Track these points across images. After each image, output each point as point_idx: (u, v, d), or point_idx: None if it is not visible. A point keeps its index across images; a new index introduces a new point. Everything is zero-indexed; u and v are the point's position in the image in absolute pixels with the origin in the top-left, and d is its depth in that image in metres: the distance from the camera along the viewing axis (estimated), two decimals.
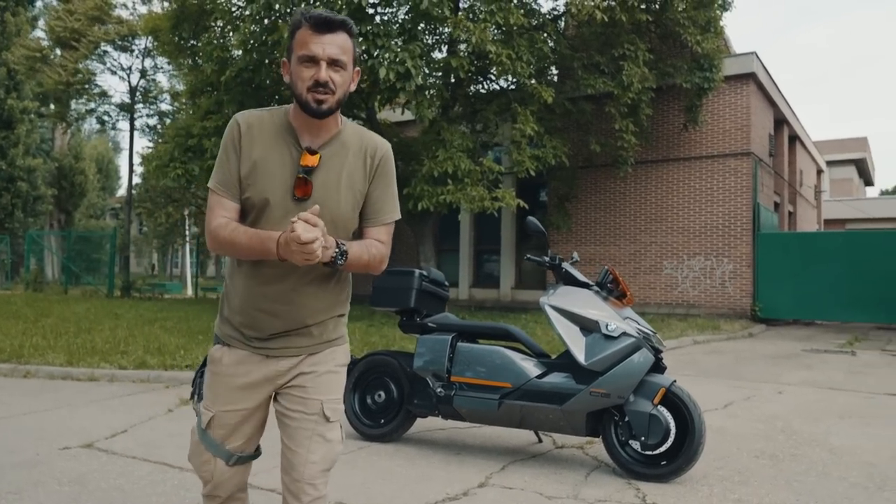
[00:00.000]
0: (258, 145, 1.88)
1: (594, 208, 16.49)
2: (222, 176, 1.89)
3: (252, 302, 1.92)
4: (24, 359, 7.31)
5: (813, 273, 14.10)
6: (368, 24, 10.68)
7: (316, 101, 1.81)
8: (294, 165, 1.86)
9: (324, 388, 1.97)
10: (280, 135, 1.89)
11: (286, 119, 1.91)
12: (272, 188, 1.86)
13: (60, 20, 20.15)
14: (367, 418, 4.59)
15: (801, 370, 8.19)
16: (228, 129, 1.92)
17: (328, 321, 1.99)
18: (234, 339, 1.98)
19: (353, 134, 1.96)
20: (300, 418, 1.95)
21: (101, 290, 20.25)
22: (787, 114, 18.88)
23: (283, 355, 1.96)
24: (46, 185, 27.61)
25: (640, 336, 3.86)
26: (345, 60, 1.83)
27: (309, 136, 1.89)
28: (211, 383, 2.00)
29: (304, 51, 1.80)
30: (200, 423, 2.00)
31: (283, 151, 1.88)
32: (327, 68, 1.80)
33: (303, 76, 1.81)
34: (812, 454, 4.36)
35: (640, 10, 12.54)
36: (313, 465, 1.94)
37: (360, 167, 1.94)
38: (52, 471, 3.83)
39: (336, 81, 1.82)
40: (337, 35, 1.81)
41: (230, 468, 2.02)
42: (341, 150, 1.92)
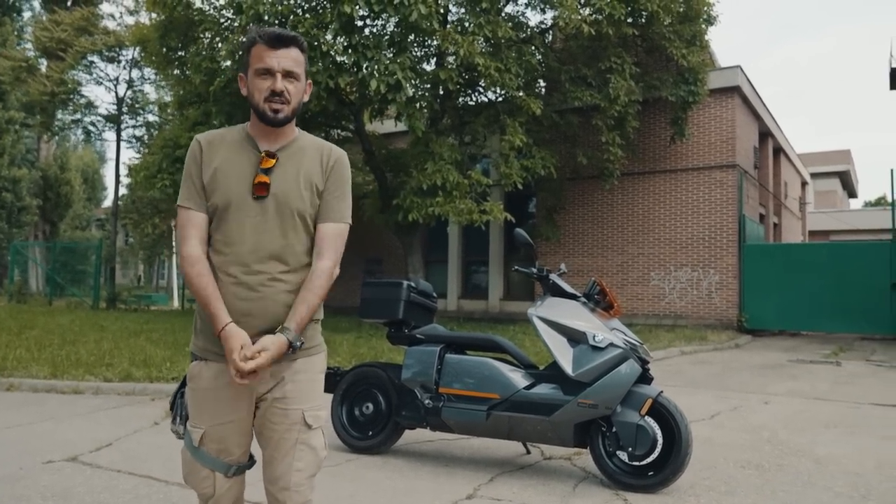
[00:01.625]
0: (218, 155, 1.99)
1: (582, 220, 16.57)
2: (187, 190, 2.00)
3: (228, 305, 1.92)
4: (7, 371, 7.22)
5: (798, 284, 14.21)
6: (358, 35, 10.71)
7: (273, 110, 1.94)
8: (254, 168, 1.97)
9: (304, 396, 2.00)
10: (240, 144, 2.02)
11: (245, 132, 2.04)
12: (234, 189, 1.95)
13: (47, 31, 20.07)
14: (356, 430, 4.58)
15: (787, 380, 8.25)
16: (190, 149, 2.04)
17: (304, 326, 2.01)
18: (211, 353, 1.98)
19: (309, 140, 2.09)
20: (283, 428, 1.98)
21: (87, 302, 20.06)
22: (772, 126, 19.09)
23: None
24: (31, 196, 27.37)
25: (627, 347, 3.88)
26: (298, 72, 1.96)
27: (267, 142, 2.01)
28: (195, 400, 2.01)
29: (260, 64, 1.93)
30: (192, 442, 2.00)
31: (242, 157, 1.99)
32: (283, 79, 1.93)
33: (260, 87, 1.94)
34: (798, 464, 4.39)
35: (627, 23, 12.66)
36: (299, 472, 1.97)
37: (317, 167, 2.03)
38: (36, 485, 3.79)
39: (291, 91, 1.95)
40: (290, 49, 1.95)
41: (230, 479, 2.03)
42: (298, 152, 2.03)
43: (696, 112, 14.91)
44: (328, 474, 4.05)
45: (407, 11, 10.29)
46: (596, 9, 12.42)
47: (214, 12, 12.59)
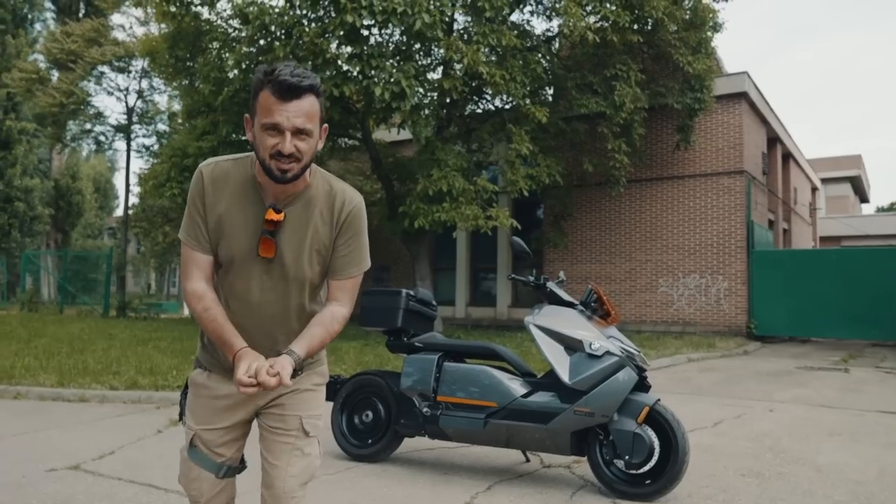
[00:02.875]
0: (223, 200, 1.86)
1: (589, 227, 16.55)
2: (192, 230, 1.88)
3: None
4: (15, 380, 7.30)
5: (808, 290, 14.12)
6: (363, 44, 10.78)
7: (280, 170, 1.75)
8: (258, 222, 1.84)
9: (303, 405, 2.03)
10: (244, 190, 1.87)
11: (252, 172, 1.88)
12: (237, 246, 1.86)
13: (57, 42, 20.31)
14: (355, 438, 4.59)
15: (793, 388, 8.19)
16: (194, 182, 1.89)
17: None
18: (216, 366, 2.02)
19: (322, 187, 1.92)
20: (280, 434, 2.01)
21: (97, 310, 20.21)
22: (780, 132, 19.01)
23: None
24: (44, 205, 27.66)
25: (624, 355, 3.88)
26: (311, 128, 1.75)
27: (274, 193, 1.86)
28: (193, 405, 2.06)
29: (267, 118, 1.72)
30: (186, 441, 2.05)
31: (247, 208, 1.86)
32: (292, 138, 1.73)
33: (266, 144, 1.74)
34: (798, 473, 4.37)
35: (632, 31, 12.67)
36: (292, 478, 1.99)
37: (327, 223, 1.91)
38: (38, 493, 3.83)
39: (302, 150, 1.75)
40: (303, 101, 1.73)
41: (219, 481, 2.06)
42: (307, 206, 1.89)
43: (703, 118, 14.88)
44: (327, 482, 4.08)
45: (411, 20, 10.35)
46: (601, 16, 12.45)
47: (222, 23, 12.73)
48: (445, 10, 11.19)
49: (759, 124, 16.86)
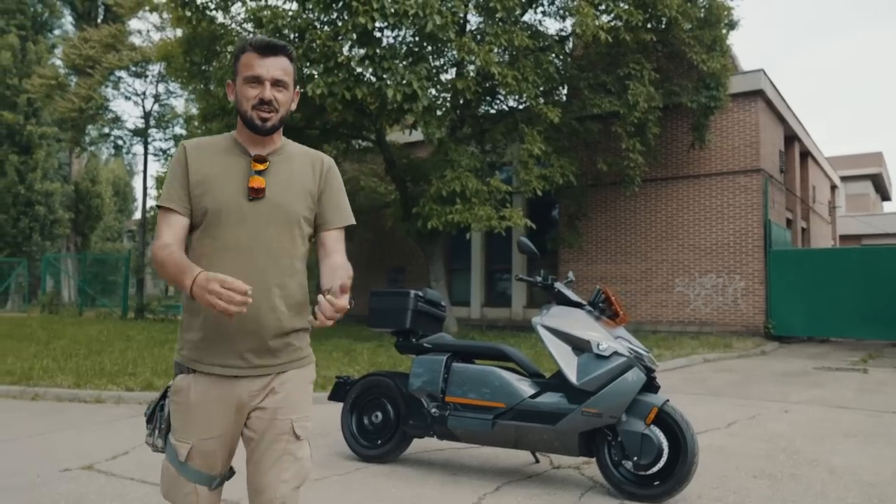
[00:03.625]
0: (207, 161, 1.98)
1: (605, 226, 16.47)
2: (169, 191, 1.96)
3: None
4: (33, 381, 7.41)
5: (827, 290, 13.95)
6: (376, 46, 10.81)
7: (261, 118, 1.93)
8: (245, 171, 1.96)
9: (293, 407, 1.99)
10: (228, 150, 2.01)
11: (232, 139, 2.03)
12: (227, 193, 1.93)
13: (76, 48, 20.57)
14: (365, 439, 4.61)
15: (810, 388, 8.10)
16: (176, 154, 2.02)
17: (294, 334, 2.00)
18: (201, 364, 1.94)
19: (297, 147, 2.09)
20: (270, 439, 1.96)
21: (116, 312, 20.44)
22: (798, 130, 18.80)
23: (251, 375, 1.94)
24: (64, 209, 28.02)
25: (632, 355, 3.86)
26: (287, 81, 1.96)
27: (255, 149, 2.00)
28: (180, 415, 1.97)
29: (249, 72, 1.92)
30: (177, 457, 1.95)
31: (232, 162, 1.98)
32: (271, 88, 1.93)
33: (248, 95, 1.93)
34: (812, 474, 4.32)
35: (645, 29, 12.59)
36: (285, 483, 1.95)
37: (309, 172, 2.05)
38: (51, 493, 3.88)
39: (279, 100, 1.95)
40: (279, 58, 1.94)
41: (212, 492, 2.01)
42: (288, 158, 2.04)
43: (719, 116, 14.76)
44: (337, 483, 4.09)
45: (422, 22, 10.37)
46: (614, 16, 12.39)
47: (236, 26, 12.83)
48: (458, 11, 11.21)
49: (776, 122, 16.68)
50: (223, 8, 12.73)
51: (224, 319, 1.84)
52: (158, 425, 2.05)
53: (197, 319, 1.95)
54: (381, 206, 17.60)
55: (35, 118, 26.34)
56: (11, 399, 6.96)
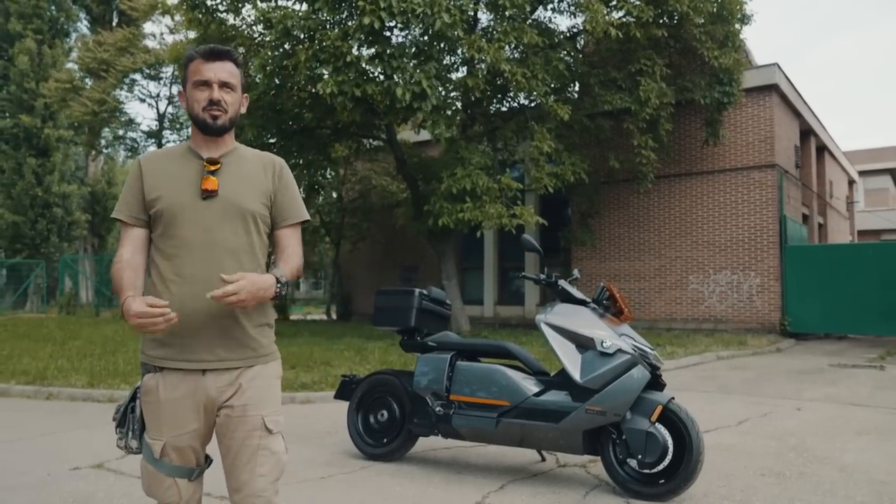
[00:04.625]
0: (161, 169, 2.07)
1: (618, 224, 16.38)
2: (124, 205, 2.07)
3: (183, 305, 1.93)
4: (48, 381, 7.51)
5: (844, 286, 13.76)
6: (385, 45, 10.82)
7: (212, 116, 2.03)
8: (198, 173, 2.04)
9: (263, 402, 2.04)
10: (182, 156, 2.10)
11: (187, 146, 2.13)
12: (181, 194, 2.02)
13: (91, 52, 20.79)
14: (370, 437, 4.62)
15: (824, 386, 8.00)
16: (132, 169, 2.13)
17: (259, 328, 2.06)
18: (166, 360, 1.99)
19: (248, 150, 2.18)
20: (243, 435, 2.00)
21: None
22: (814, 124, 18.59)
23: (219, 368, 1.99)
24: (80, 211, 28.34)
25: (636, 353, 3.83)
26: (234, 83, 2.06)
27: (208, 152, 2.09)
28: (152, 414, 2.02)
29: (197, 76, 2.03)
30: (152, 454, 2.02)
31: (186, 166, 2.07)
32: (219, 90, 2.03)
33: (198, 98, 2.03)
34: (821, 472, 4.26)
35: (657, 25, 12.49)
36: (262, 477, 1.99)
37: (261, 172, 2.13)
38: (60, 491, 3.92)
39: (227, 101, 2.04)
40: (225, 63, 2.05)
41: (193, 483, 2.07)
42: (240, 159, 2.13)
43: (733, 112, 14.62)
44: (342, 481, 4.11)
45: (431, 21, 10.36)
46: (625, 12, 12.31)
47: (246, 28, 12.89)
48: (466, 9, 11.18)
49: (792, 117, 16.50)
50: (234, 10, 12.80)
51: (192, 303, 1.94)
52: (132, 427, 2.08)
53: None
54: (392, 205, 17.63)
55: (52, 121, 26.64)
56: (26, 398, 7.06)
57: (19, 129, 26.26)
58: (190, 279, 1.97)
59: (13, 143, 26.73)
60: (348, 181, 20.07)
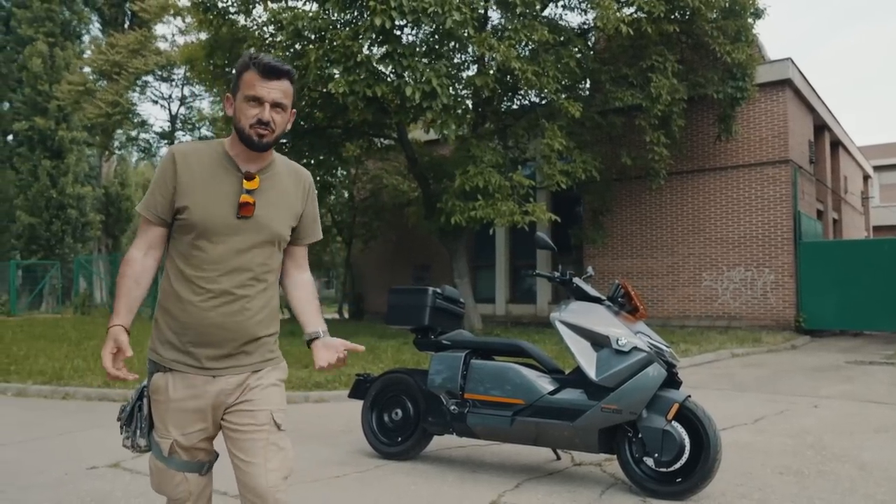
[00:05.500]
0: (197, 172, 2.02)
1: (630, 221, 16.30)
2: (151, 201, 2.04)
3: (203, 317, 1.97)
4: (63, 381, 7.55)
5: (860, 282, 13.64)
6: (395, 44, 10.82)
7: (258, 135, 1.98)
8: (235, 187, 2.01)
9: (270, 400, 2.05)
10: (217, 162, 2.04)
11: (223, 149, 2.07)
12: (216, 208, 1.99)
13: (103, 54, 20.92)
14: (385, 436, 4.61)
15: (841, 383, 7.93)
16: (165, 161, 2.06)
17: (268, 338, 2.10)
18: (177, 363, 2.01)
19: (282, 162, 2.17)
20: (252, 430, 2.01)
21: (146, 312, 20.72)
22: (828, 119, 18.41)
23: (230, 373, 2.02)
24: (95, 212, 28.55)
25: (652, 351, 3.80)
26: (286, 104, 2.02)
27: (246, 164, 2.05)
28: (160, 412, 2.04)
29: (251, 91, 1.97)
30: (161, 452, 2.03)
31: (223, 176, 2.03)
32: (270, 109, 1.98)
33: (247, 114, 1.98)
34: (840, 470, 4.22)
35: (669, 20, 12.41)
36: (272, 472, 1.99)
37: (294, 190, 2.14)
38: (77, 490, 3.94)
39: (276, 121, 2.00)
40: (282, 82, 2.00)
41: (203, 477, 2.10)
42: (276, 175, 2.11)
43: (746, 107, 14.50)
44: (356, 480, 4.11)
45: (441, 19, 10.34)
46: (636, 7, 12.23)
47: (257, 29, 12.93)
48: (476, 7, 11.15)
49: (805, 112, 16.35)
50: (244, 11, 12.84)
51: (215, 319, 1.98)
52: (139, 425, 2.10)
53: (175, 321, 2.02)
54: (403, 204, 17.63)
55: (65, 123, 26.85)
56: (43, 398, 7.12)
57: (34, 131, 26.48)
58: (210, 292, 1.99)
59: (28, 145, 26.96)
60: (359, 180, 20.09)
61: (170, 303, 2.03)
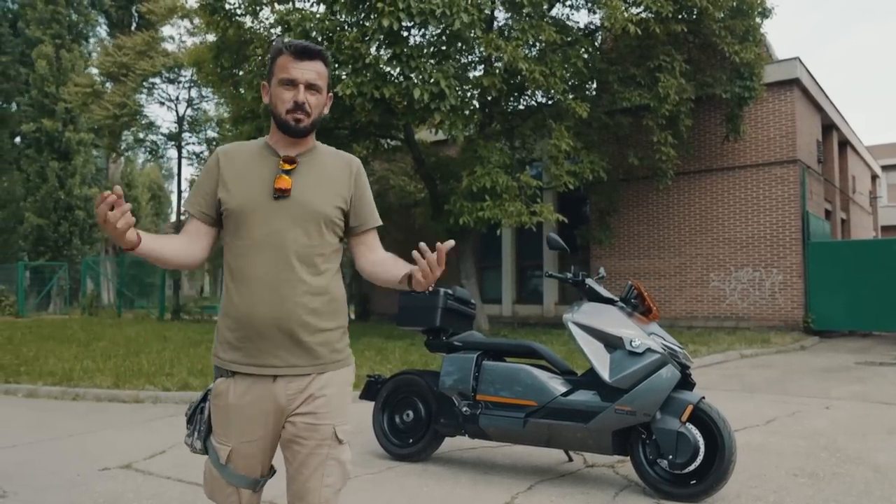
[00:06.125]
0: (238, 164, 2.02)
1: (637, 221, 16.26)
2: (195, 197, 2.05)
3: (253, 307, 1.92)
4: (73, 382, 7.56)
5: (869, 282, 13.57)
6: (403, 46, 10.82)
7: (295, 120, 1.96)
8: (272, 172, 1.98)
9: (334, 412, 1.98)
10: (260, 153, 2.04)
11: (265, 142, 2.07)
12: (253, 192, 1.97)
13: (110, 56, 21.01)
14: (396, 438, 4.61)
15: (852, 384, 7.89)
16: (209, 159, 2.08)
17: (329, 333, 2.00)
18: (235, 364, 1.96)
19: (328, 150, 2.12)
20: (313, 444, 1.95)
21: (153, 314, 20.82)
22: (836, 119, 18.34)
23: (288, 374, 1.94)
24: None
25: (666, 352, 3.79)
26: (321, 85, 1.98)
27: (286, 150, 2.02)
28: (220, 418, 1.99)
29: (284, 74, 1.95)
30: (218, 459, 1.98)
31: (262, 163, 2.01)
32: (305, 91, 1.95)
33: (283, 98, 1.96)
34: (855, 472, 4.19)
35: (676, 20, 12.38)
36: (328, 488, 1.95)
37: (341, 173, 2.07)
38: (90, 492, 3.95)
39: (312, 104, 1.97)
40: (315, 62, 1.97)
41: (255, 494, 2.03)
42: (318, 159, 2.06)
43: (754, 107, 14.44)
44: (368, 482, 4.10)
45: (450, 21, 10.33)
46: (643, 7, 12.21)
47: (264, 31, 12.94)
48: (484, 7, 11.15)
49: (813, 111, 16.29)
50: (252, 13, 12.86)
51: (257, 318, 1.91)
52: (198, 427, 2.06)
53: (231, 320, 1.97)
54: (410, 205, 17.62)
55: (72, 125, 26.96)
56: (53, 399, 7.13)
57: (41, 133, 26.60)
58: (257, 281, 1.93)
59: (36, 146, 27.08)
60: None
61: (225, 302, 2.00)
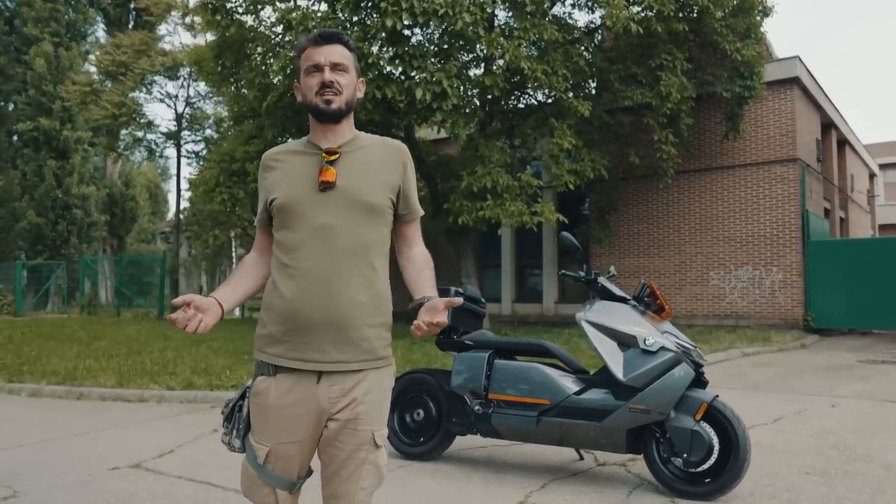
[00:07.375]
0: (282, 163, 2.03)
1: (637, 220, 16.28)
2: (259, 213, 2.08)
3: (299, 299, 1.89)
4: (77, 381, 7.55)
5: (868, 280, 13.62)
6: (405, 45, 10.79)
7: (325, 101, 1.93)
8: (316, 165, 1.97)
9: (375, 417, 1.96)
10: (302, 150, 2.04)
11: (306, 140, 2.07)
12: (298, 186, 1.95)
13: (108, 54, 20.93)
14: (407, 437, 4.60)
15: (856, 382, 7.91)
16: (259, 171, 2.12)
17: (375, 329, 1.96)
18: (279, 357, 1.92)
19: (372, 138, 2.09)
20: (351, 448, 1.93)
21: (152, 313, 20.77)
22: (835, 117, 18.39)
23: (334, 370, 1.90)
24: (100, 212, 28.56)
25: (680, 350, 3.79)
26: (346, 64, 1.97)
27: (326, 142, 2.00)
28: (260, 417, 1.97)
29: (308, 62, 1.96)
30: (256, 459, 1.95)
31: (305, 159, 2.00)
32: (331, 71, 1.94)
33: (310, 84, 1.95)
34: (866, 470, 4.20)
35: (677, 19, 12.38)
36: (363, 491, 1.95)
37: (388, 160, 2.03)
38: (102, 491, 3.94)
39: (341, 83, 1.95)
40: (336, 46, 1.97)
41: (292, 496, 2.01)
42: (362, 148, 2.03)
43: (754, 106, 14.47)
44: None
45: (452, 21, 10.32)
46: (644, 6, 12.21)
47: (265, 30, 12.91)
48: (486, 6, 11.13)
49: (813, 110, 16.32)
50: (252, 12, 12.82)
51: (305, 311, 1.89)
52: (237, 426, 2.03)
53: (274, 312, 1.95)
54: None
55: (70, 123, 26.87)
56: (57, 399, 7.11)
57: (39, 131, 26.50)
58: (305, 273, 1.90)
59: (33, 145, 26.98)
60: None
61: (269, 295, 1.97)
